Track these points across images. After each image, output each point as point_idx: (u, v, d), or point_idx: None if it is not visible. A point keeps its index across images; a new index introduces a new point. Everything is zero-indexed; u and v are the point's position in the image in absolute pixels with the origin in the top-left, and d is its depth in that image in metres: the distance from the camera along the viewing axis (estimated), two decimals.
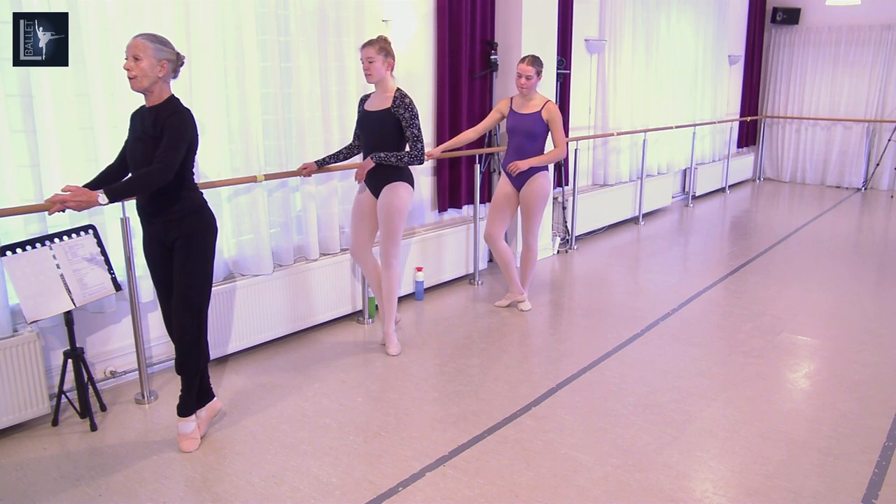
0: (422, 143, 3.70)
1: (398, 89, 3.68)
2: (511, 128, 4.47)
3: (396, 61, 3.80)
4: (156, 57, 2.68)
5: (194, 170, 2.91)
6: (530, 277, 4.81)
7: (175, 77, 2.82)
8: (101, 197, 2.54)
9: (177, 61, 2.79)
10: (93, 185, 2.87)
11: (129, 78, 2.69)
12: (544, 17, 5.54)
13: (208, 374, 3.15)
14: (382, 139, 3.70)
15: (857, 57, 9.70)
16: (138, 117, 2.83)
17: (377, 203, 3.84)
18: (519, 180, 4.51)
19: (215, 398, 3.18)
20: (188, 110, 2.77)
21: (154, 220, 2.85)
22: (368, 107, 3.77)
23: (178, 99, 2.79)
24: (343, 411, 3.34)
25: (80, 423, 3.21)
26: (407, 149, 3.76)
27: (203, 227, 2.88)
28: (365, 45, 3.64)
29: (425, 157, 3.79)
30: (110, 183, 2.85)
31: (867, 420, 3.25)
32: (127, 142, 2.87)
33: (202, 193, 2.94)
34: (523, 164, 4.37)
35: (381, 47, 3.62)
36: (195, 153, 2.86)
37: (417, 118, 3.67)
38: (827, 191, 9.82)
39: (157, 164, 2.65)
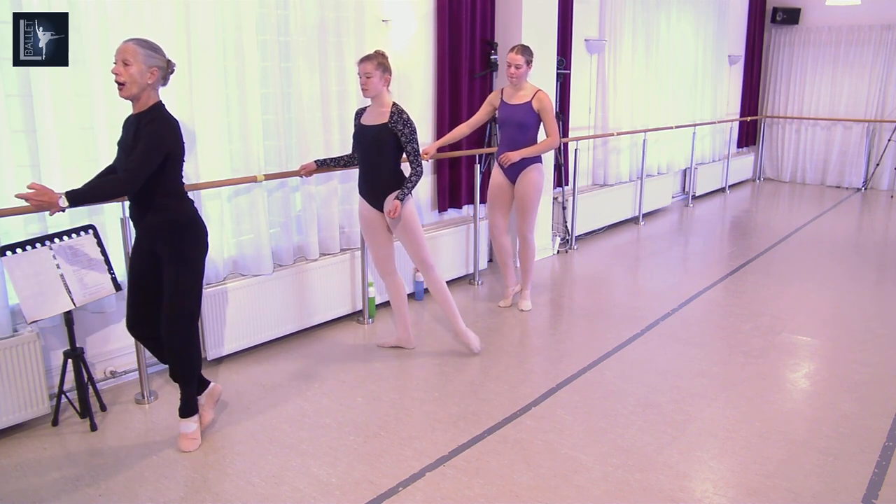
0: (419, 155, 3.70)
1: (395, 104, 3.64)
2: (502, 119, 4.45)
3: (396, 61, 3.79)
4: (146, 63, 2.64)
5: (184, 178, 2.86)
6: (531, 274, 4.78)
7: (164, 84, 2.76)
8: (62, 200, 2.49)
9: (167, 68, 2.73)
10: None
11: (118, 83, 2.64)
12: (544, 17, 5.54)
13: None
14: (379, 153, 3.65)
15: (857, 57, 9.70)
16: (126, 126, 2.79)
17: (386, 218, 3.80)
18: (512, 172, 4.49)
19: (212, 383, 3.19)
20: (171, 118, 2.71)
21: (141, 227, 2.83)
22: (364, 121, 3.72)
23: (162, 105, 2.73)
24: (343, 411, 3.35)
25: (80, 423, 3.21)
26: (407, 166, 3.70)
27: (190, 238, 2.83)
28: (363, 60, 3.60)
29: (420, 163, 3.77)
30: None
31: (867, 420, 3.25)
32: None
33: (192, 202, 2.90)
34: (514, 156, 4.35)
35: (379, 62, 3.58)
36: (181, 162, 2.79)
37: (416, 133, 3.65)
38: (827, 191, 9.82)
39: (123, 173, 2.60)
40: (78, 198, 2.54)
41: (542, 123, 4.41)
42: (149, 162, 2.60)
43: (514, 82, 4.36)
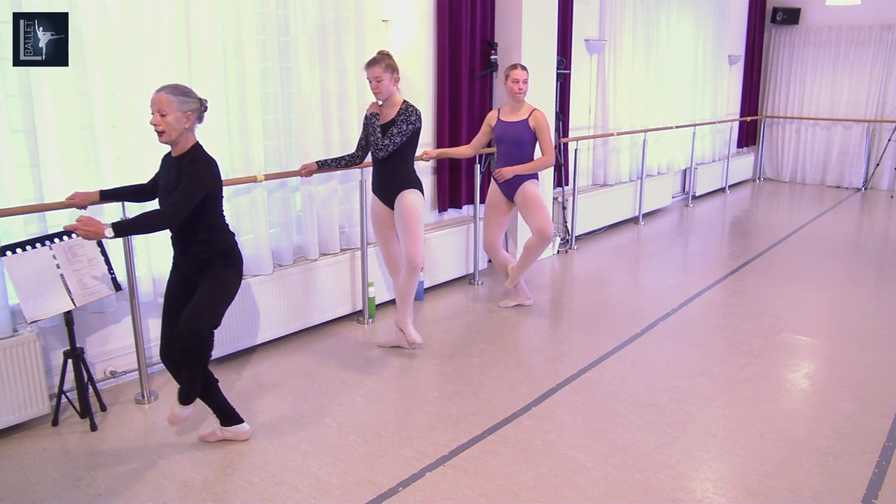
0: (393, 146, 3.65)
1: (405, 101, 3.69)
2: (499, 136, 4.46)
3: (396, 61, 3.79)
4: (181, 110, 2.70)
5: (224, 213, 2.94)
6: (528, 266, 4.64)
7: (200, 122, 2.83)
8: (108, 230, 2.57)
9: (200, 108, 2.79)
10: (115, 195, 3.06)
11: (158, 132, 2.71)
12: (544, 17, 5.54)
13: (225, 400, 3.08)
14: (394, 150, 3.69)
15: (857, 57, 9.70)
16: (166, 165, 2.87)
17: (394, 213, 3.83)
18: (508, 188, 4.50)
19: (244, 424, 3.09)
20: (210, 158, 2.80)
21: (184, 257, 2.90)
22: (380, 121, 3.76)
23: (200, 146, 2.81)
24: (343, 411, 3.35)
25: (80, 423, 3.21)
26: (419, 163, 3.70)
27: (226, 263, 2.89)
28: (370, 65, 3.60)
29: (386, 154, 3.70)
30: (129, 198, 3.08)
31: (867, 420, 3.25)
32: (157, 182, 2.94)
33: (233, 235, 2.97)
34: (507, 172, 4.38)
35: (386, 64, 3.59)
36: (220, 199, 2.89)
37: (409, 132, 3.65)
38: (827, 191, 9.82)
39: (167, 208, 2.71)
40: (123, 229, 2.64)
41: (538, 142, 4.44)
42: (190, 200, 2.71)
43: (522, 98, 4.38)
